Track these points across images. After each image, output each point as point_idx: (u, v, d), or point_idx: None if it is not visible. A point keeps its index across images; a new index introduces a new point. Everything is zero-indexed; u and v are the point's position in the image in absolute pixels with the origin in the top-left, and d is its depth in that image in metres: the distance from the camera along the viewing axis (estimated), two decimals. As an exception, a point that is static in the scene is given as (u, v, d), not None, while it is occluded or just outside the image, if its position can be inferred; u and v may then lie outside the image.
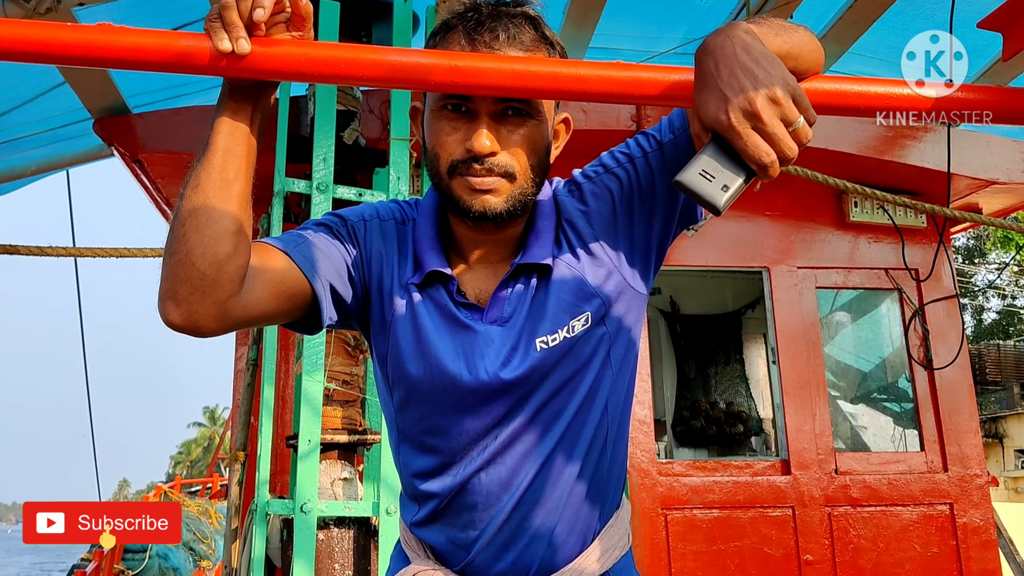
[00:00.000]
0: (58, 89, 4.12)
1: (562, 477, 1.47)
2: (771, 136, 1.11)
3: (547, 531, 1.47)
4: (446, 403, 1.46)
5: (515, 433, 1.46)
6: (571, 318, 1.45)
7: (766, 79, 1.12)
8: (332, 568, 3.55)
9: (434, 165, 1.44)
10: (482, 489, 1.47)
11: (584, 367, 1.47)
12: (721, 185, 1.14)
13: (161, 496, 14.43)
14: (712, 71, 1.15)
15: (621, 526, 1.58)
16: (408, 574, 1.53)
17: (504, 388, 1.44)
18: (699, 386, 6.91)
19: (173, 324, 1.25)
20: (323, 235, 1.49)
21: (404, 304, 1.49)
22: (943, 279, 5.14)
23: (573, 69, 1.22)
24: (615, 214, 1.50)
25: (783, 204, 5.06)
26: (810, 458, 4.71)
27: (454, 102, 1.39)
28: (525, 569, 1.48)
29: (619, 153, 1.52)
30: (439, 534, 1.52)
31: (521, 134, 1.41)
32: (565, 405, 1.46)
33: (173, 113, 4.45)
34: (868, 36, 4.19)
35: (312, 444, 3.52)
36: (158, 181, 4.71)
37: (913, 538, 4.69)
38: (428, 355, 1.46)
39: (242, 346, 4.66)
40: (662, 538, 4.46)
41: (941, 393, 4.97)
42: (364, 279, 1.51)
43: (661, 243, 1.53)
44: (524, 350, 1.44)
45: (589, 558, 1.51)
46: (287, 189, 3.78)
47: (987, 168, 5.00)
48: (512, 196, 1.41)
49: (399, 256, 1.52)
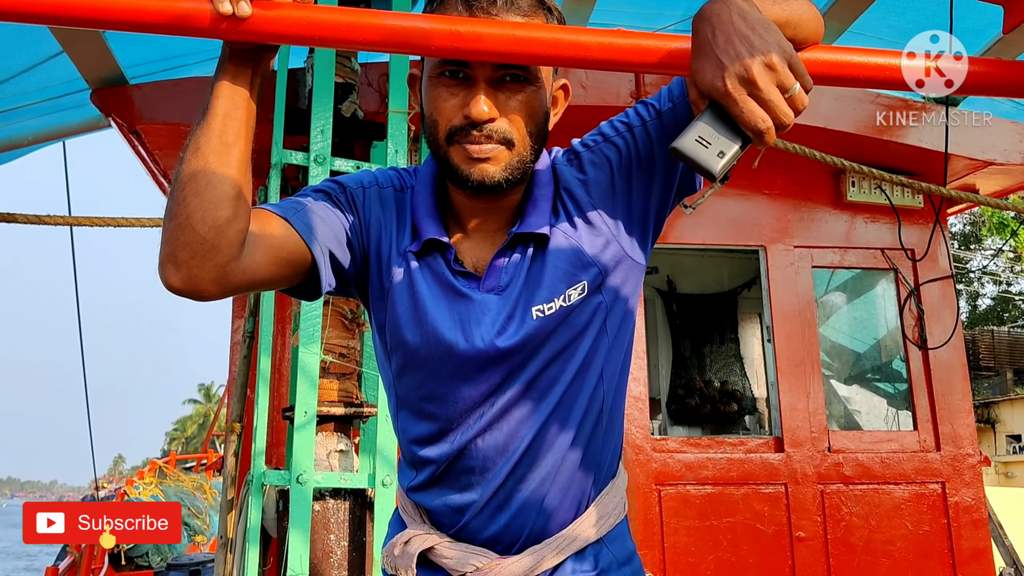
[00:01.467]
0: (56, 59, 4.10)
1: (557, 444, 1.48)
2: (767, 102, 1.12)
3: (541, 496, 1.49)
4: (443, 370, 1.47)
5: (512, 400, 1.47)
6: (567, 287, 1.45)
7: (762, 46, 1.12)
8: (327, 539, 3.56)
9: (432, 132, 1.44)
10: (479, 454, 1.48)
11: (580, 336, 1.48)
12: (717, 151, 1.15)
13: (156, 471, 14.45)
14: (709, 38, 1.16)
15: (616, 494, 1.59)
16: (403, 538, 1.55)
17: (500, 356, 1.45)
18: (694, 365, 6.93)
19: (174, 288, 1.25)
20: (322, 202, 1.50)
21: (402, 272, 1.49)
22: (939, 259, 5.14)
23: (573, 36, 1.23)
24: (613, 183, 1.50)
25: (780, 183, 5.06)
26: (803, 436, 4.74)
27: (451, 68, 1.39)
28: (518, 533, 1.50)
29: (618, 122, 1.53)
30: (435, 498, 1.54)
31: (519, 100, 1.41)
32: (561, 373, 1.47)
33: (171, 84, 4.43)
34: (868, 15, 4.18)
35: (308, 416, 3.53)
36: (155, 152, 4.69)
37: (905, 516, 4.73)
38: (425, 323, 1.47)
39: (238, 318, 4.67)
40: (655, 513, 4.48)
41: (935, 373, 4.99)
42: (363, 246, 1.52)
43: (659, 212, 1.53)
44: (520, 318, 1.45)
45: (583, 524, 1.53)
46: (284, 161, 3.77)
47: (984, 149, 5.00)
48: (510, 164, 1.41)
49: (397, 223, 1.52)
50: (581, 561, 1.52)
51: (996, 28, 4.26)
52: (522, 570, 1.48)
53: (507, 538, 1.50)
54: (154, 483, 13.59)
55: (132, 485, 13.17)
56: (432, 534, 1.54)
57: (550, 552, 1.50)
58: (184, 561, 9.75)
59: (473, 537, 1.52)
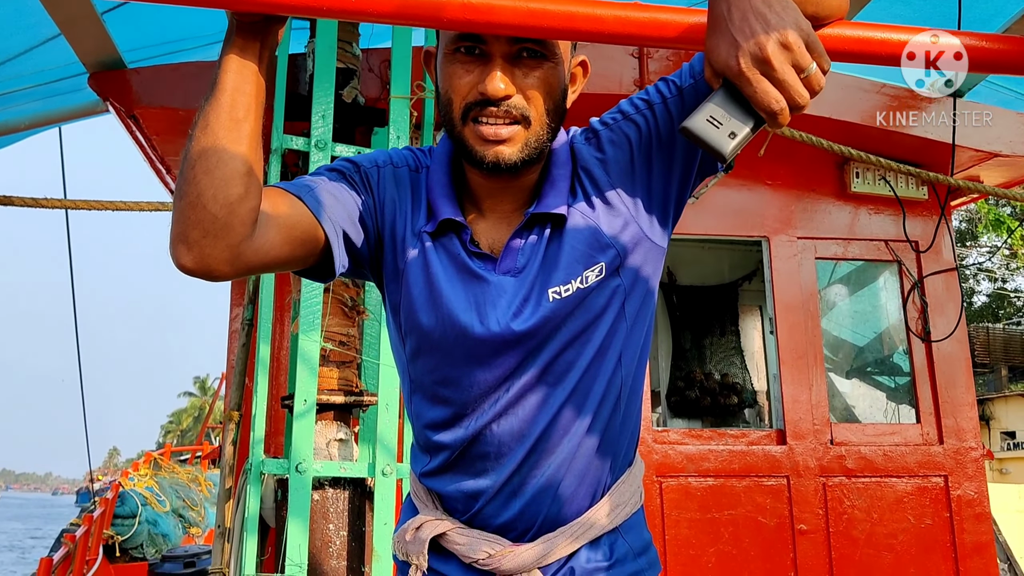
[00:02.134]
0: (53, 41, 4.05)
1: (573, 429, 1.45)
2: (782, 83, 1.09)
3: (556, 483, 1.46)
4: (457, 354, 1.44)
5: (527, 385, 1.44)
6: (585, 268, 1.42)
7: (778, 23, 1.09)
8: (326, 528, 3.53)
9: (447, 111, 1.40)
10: (494, 440, 1.45)
11: (597, 319, 1.44)
12: (728, 132, 1.12)
13: (151, 463, 14.42)
14: (724, 15, 1.12)
15: (633, 483, 1.56)
16: (415, 524, 1.52)
17: (516, 339, 1.42)
18: (694, 357, 6.90)
19: (185, 268, 1.22)
20: (336, 181, 1.47)
21: (417, 253, 1.46)
22: (943, 251, 5.12)
23: (589, 8, 1.19)
24: (633, 162, 1.46)
25: (784, 174, 5.03)
26: (806, 428, 4.71)
27: (467, 44, 1.35)
28: (532, 520, 1.47)
29: (638, 99, 1.49)
30: (448, 484, 1.51)
31: (537, 76, 1.37)
32: (577, 357, 1.44)
33: (170, 69, 4.38)
34: (874, 4, 4.14)
35: (308, 404, 3.49)
36: (153, 138, 4.64)
37: (907, 509, 4.70)
38: (440, 305, 1.44)
39: (237, 306, 4.62)
40: (657, 505, 4.45)
41: (938, 366, 4.96)
42: (377, 226, 1.49)
43: (680, 193, 1.49)
44: (536, 301, 1.41)
45: (598, 513, 1.50)
46: (285, 146, 3.73)
47: (990, 140, 4.97)
48: (527, 144, 1.38)
49: (412, 204, 1.49)
50: (595, 550, 1.49)
51: (1003, 17, 4.23)
52: (535, 558, 1.45)
53: (521, 525, 1.47)
54: (149, 475, 13.56)
55: (127, 477, 13.15)
56: (444, 520, 1.51)
57: (564, 540, 1.47)
58: (179, 553, 9.72)
59: (486, 523, 1.49)
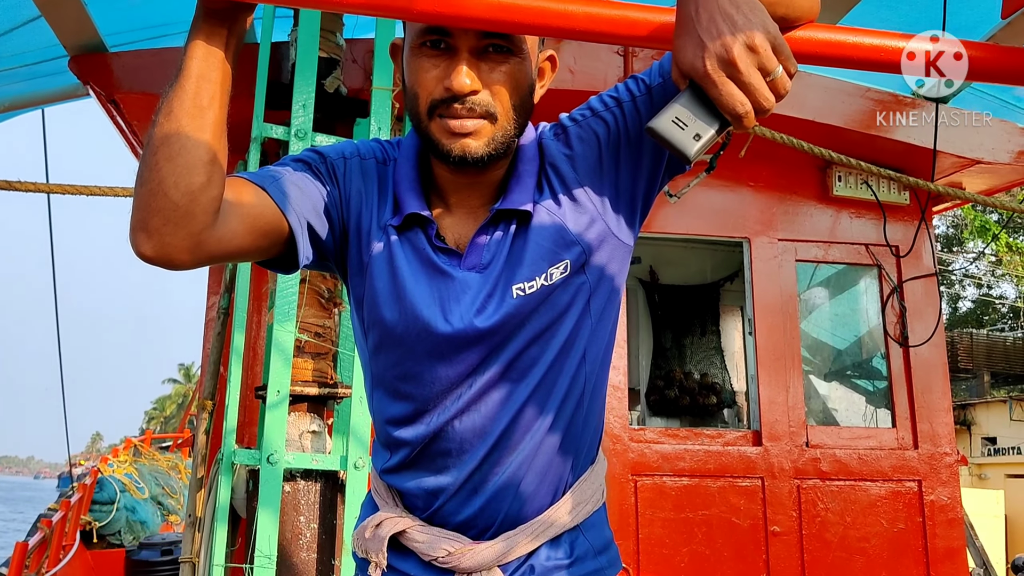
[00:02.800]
0: (34, 23, 4.02)
1: (536, 426, 1.44)
2: (747, 85, 1.08)
3: (517, 481, 1.45)
4: (420, 349, 1.43)
5: (490, 382, 1.43)
6: (549, 265, 1.41)
7: (745, 25, 1.08)
8: (297, 521, 3.51)
9: (413, 105, 1.39)
10: (455, 437, 1.44)
11: (562, 316, 1.43)
12: (693, 134, 1.12)
13: (131, 449, 14.36)
14: (692, 15, 1.12)
15: (595, 481, 1.56)
16: (374, 521, 1.51)
17: (478, 336, 1.41)
18: (674, 356, 6.91)
19: (145, 256, 1.21)
20: (301, 172, 1.45)
21: (382, 246, 1.45)
22: (923, 257, 5.13)
23: (560, 5, 1.19)
24: (601, 159, 1.46)
25: (766, 175, 5.03)
26: (782, 430, 4.72)
27: (433, 38, 1.34)
28: (492, 518, 1.46)
29: (607, 97, 1.48)
30: (409, 480, 1.50)
31: (503, 72, 1.36)
32: (541, 354, 1.43)
33: (151, 53, 4.35)
34: (861, 8, 4.14)
35: (281, 395, 3.47)
36: (134, 123, 4.61)
37: (880, 513, 4.72)
38: (403, 300, 1.42)
39: (214, 294, 4.60)
40: (631, 504, 4.45)
41: (915, 371, 4.98)
42: (342, 218, 1.47)
43: (648, 191, 1.48)
44: (500, 297, 1.40)
45: (559, 511, 1.49)
46: (265, 135, 3.71)
47: (972, 147, 4.98)
48: (494, 139, 1.37)
49: (379, 196, 1.48)
50: (556, 548, 1.49)
51: (990, 23, 4.23)
52: (495, 556, 1.45)
53: (481, 523, 1.47)
54: (128, 461, 13.51)
55: (106, 463, 13.09)
56: (404, 517, 1.50)
57: (524, 538, 1.46)
58: (156, 540, 9.67)
59: (446, 521, 1.48)
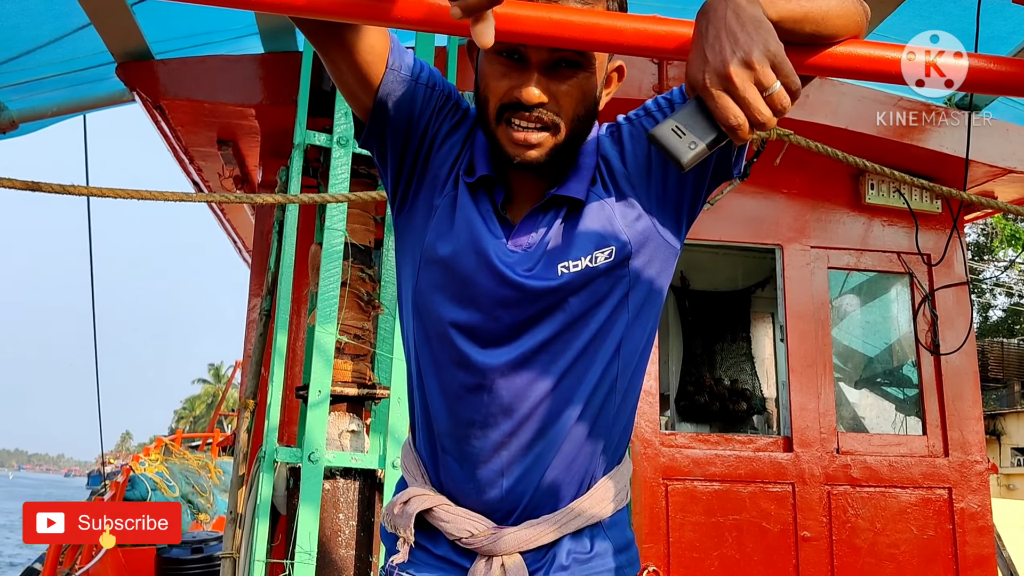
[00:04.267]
0: (83, 31, 4.12)
1: (564, 412, 1.48)
2: (742, 100, 1.12)
3: (543, 465, 1.49)
4: (480, 280, 1.48)
5: (522, 359, 1.47)
6: (595, 248, 1.47)
7: (746, 43, 1.13)
8: (336, 518, 3.59)
9: (483, 108, 1.47)
10: (483, 408, 1.49)
11: (599, 305, 1.48)
12: (689, 143, 1.16)
13: (161, 448, 14.51)
14: (702, 32, 1.17)
15: (621, 480, 1.59)
16: (403, 498, 1.57)
17: (523, 295, 1.46)
18: (704, 362, 6.92)
19: None
20: (429, 87, 1.53)
21: (454, 194, 1.52)
22: (955, 265, 5.14)
23: (610, 21, 1.23)
24: (650, 159, 1.52)
25: (799, 183, 5.06)
26: (812, 436, 4.74)
27: (507, 49, 1.41)
28: (516, 501, 1.50)
29: (661, 99, 1.55)
30: (437, 455, 1.55)
31: (571, 84, 1.43)
32: (575, 339, 1.48)
33: (197, 61, 4.44)
34: (893, 19, 4.17)
35: (322, 395, 3.55)
36: (178, 129, 4.71)
37: (910, 520, 4.73)
38: (464, 235, 1.49)
39: (256, 296, 4.69)
40: (662, 508, 4.49)
41: (946, 379, 4.98)
42: (429, 146, 1.55)
43: (694, 195, 1.53)
44: (543, 274, 1.46)
45: (584, 504, 1.53)
46: (308, 142, 3.80)
47: (1005, 156, 4.99)
48: (555, 147, 1.44)
49: (461, 149, 1.55)
50: (577, 542, 1.53)
51: (1022, 34, 4.25)
52: (517, 542, 1.49)
53: (506, 506, 1.51)
54: (159, 460, 13.64)
55: (137, 462, 13.23)
56: (431, 495, 1.55)
57: (547, 527, 1.50)
58: (187, 539, 9.77)
59: (471, 500, 1.53)
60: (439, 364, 1.52)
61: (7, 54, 4.20)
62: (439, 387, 1.52)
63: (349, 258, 3.78)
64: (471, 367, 1.48)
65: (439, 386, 1.52)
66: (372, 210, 4.03)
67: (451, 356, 1.50)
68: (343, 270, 3.71)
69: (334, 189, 3.71)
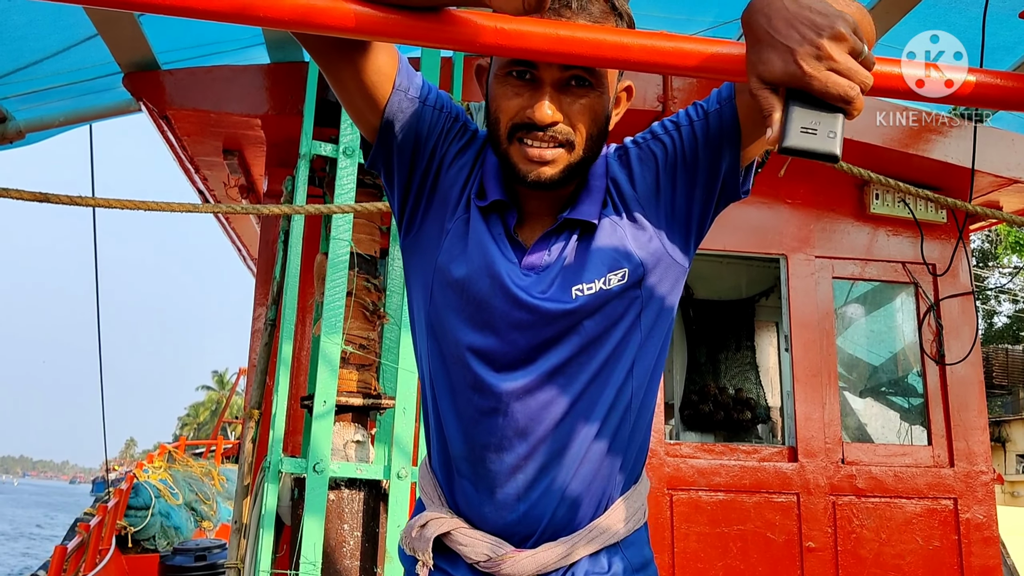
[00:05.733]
0: (90, 41, 4.14)
1: (580, 433, 1.48)
2: (847, 71, 1.10)
3: (561, 486, 1.49)
4: (494, 303, 1.47)
5: (537, 382, 1.47)
6: (609, 271, 1.47)
7: (824, 21, 1.12)
8: (341, 528, 3.59)
9: (494, 128, 1.46)
10: (498, 431, 1.48)
11: (613, 326, 1.48)
12: (827, 133, 1.13)
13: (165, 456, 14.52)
14: (766, 28, 1.15)
15: (638, 500, 1.59)
16: (421, 521, 1.56)
17: (536, 318, 1.46)
18: (708, 371, 6.93)
19: None
20: (435, 109, 1.52)
21: (466, 218, 1.52)
22: (960, 275, 5.13)
23: (616, 37, 1.24)
24: (658, 180, 1.52)
25: (803, 193, 5.06)
26: (817, 447, 4.74)
27: (519, 69, 1.41)
28: (534, 525, 1.50)
29: (668, 121, 1.54)
30: (454, 478, 1.55)
31: (583, 103, 1.43)
32: (589, 361, 1.48)
33: (204, 71, 4.46)
34: (899, 28, 4.18)
35: (328, 405, 3.55)
36: (184, 139, 4.73)
37: (916, 531, 4.72)
38: (478, 258, 1.49)
39: (261, 306, 4.70)
40: (667, 518, 4.49)
41: (951, 389, 4.98)
42: (437, 169, 1.54)
43: (702, 215, 1.54)
44: (558, 297, 1.46)
45: (602, 524, 1.53)
46: (314, 152, 3.81)
47: (1010, 166, 4.99)
48: (569, 165, 1.44)
49: (470, 172, 1.55)
50: (595, 562, 1.52)
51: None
52: (535, 566, 1.49)
53: (523, 529, 1.50)
54: (163, 467, 13.66)
55: (141, 469, 13.24)
56: (449, 518, 1.54)
57: (565, 549, 1.50)
58: (190, 546, 9.78)
59: (488, 523, 1.52)
60: (454, 387, 1.52)
61: (14, 64, 4.21)
62: (454, 410, 1.52)
63: (355, 268, 3.78)
64: (486, 391, 1.48)
65: (454, 409, 1.52)
66: (378, 220, 4.04)
67: (466, 379, 1.50)
68: (348, 280, 3.72)
69: (340, 199, 3.71)
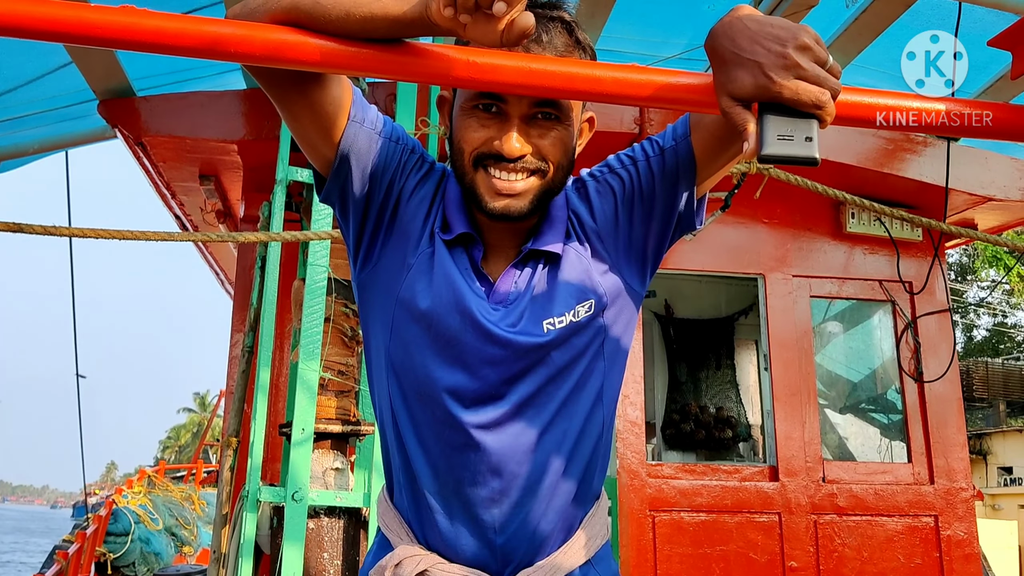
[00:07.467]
0: (64, 69, 4.13)
1: (552, 464, 1.49)
2: (816, 78, 1.12)
3: (536, 518, 1.49)
4: (465, 339, 1.46)
5: (507, 415, 1.47)
6: (577, 303, 1.49)
7: (786, 33, 1.13)
8: (321, 557, 3.56)
9: (458, 158, 1.46)
10: (470, 466, 1.47)
11: (580, 356, 1.50)
12: (804, 138, 1.14)
13: (145, 480, 14.40)
14: (731, 48, 1.16)
15: (601, 516, 1.61)
16: (393, 561, 1.51)
17: (508, 352, 1.45)
18: (689, 390, 6.93)
19: None
20: (391, 142, 1.51)
21: (430, 251, 1.51)
22: (936, 293, 5.17)
23: (588, 70, 1.24)
24: (617, 213, 1.54)
25: (780, 212, 5.09)
26: (798, 465, 4.74)
27: (486, 102, 1.42)
28: (511, 553, 1.50)
29: (624, 156, 1.57)
30: (423, 512, 1.52)
31: (551, 136, 1.44)
32: (557, 390, 1.49)
33: (178, 97, 4.46)
34: (872, 49, 4.22)
35: (306, 432, 3.53)
36: (160, 165, 4.72)
37: (897, 548, 4.73)
38: (445, 292, 1.47)
39: (238, 332, 4.67)
40: (649, 540, 4.48)
41: (930, 406, 5.00)
42: (396, 202, 1.52)
43: (658, 246, 1.56)
44: (528, 331, 1.46)
45: (573, 547, 1.54)
46: (290, 177, 3.80)
47: (984, 185, 5.04)
48: (536, 196, 1.45)
49: (431, 205, 1.54)
50: None
51: (999, 65, 4.30)
52: None
53: (501, 558, 1.50)
54: (142, 492, 13.55)
55: (120, 494, 13.13)
56: (424, 555, 1.52)
57: (544, 574, 1.50)
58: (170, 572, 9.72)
59: (465, 556, 1.51)
60: (419, 422, 1.50)
61: (-12, 92, 4.20)
62: (421, 446, 1.50)
63: (332, 293, 3.77)
64: (456, 426, 1.47)
65: (421, 445, 1.50)
66: (355, 245, 4.02)
67: (435, 415, 1.49)
68: (327, 306, 3.70)
69: (317, 225, 3.70)
